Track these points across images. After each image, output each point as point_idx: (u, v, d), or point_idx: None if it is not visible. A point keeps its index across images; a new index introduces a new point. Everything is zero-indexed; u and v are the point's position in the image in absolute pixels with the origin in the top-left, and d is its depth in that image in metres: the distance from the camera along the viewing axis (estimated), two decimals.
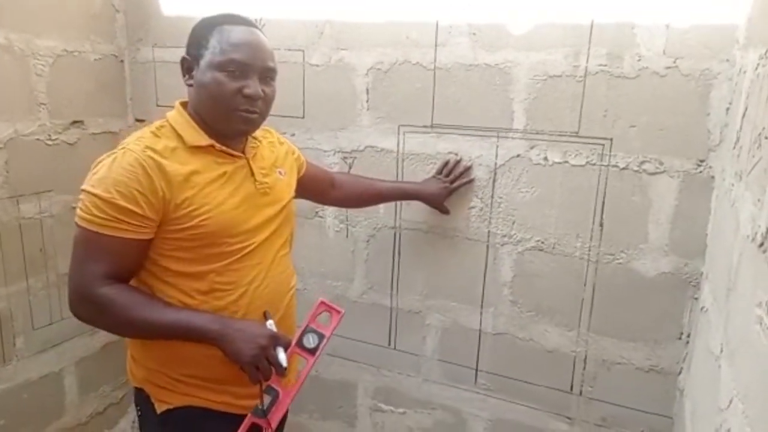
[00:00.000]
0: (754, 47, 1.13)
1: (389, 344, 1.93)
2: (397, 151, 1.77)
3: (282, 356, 1.11)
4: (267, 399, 1.13)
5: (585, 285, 1.61)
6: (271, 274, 1.25)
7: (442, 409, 1.90)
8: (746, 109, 1.11)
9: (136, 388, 1.27)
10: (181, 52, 1.22)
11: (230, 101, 1.13)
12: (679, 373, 1.54)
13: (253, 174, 1.23)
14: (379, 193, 1.69)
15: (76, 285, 1.10)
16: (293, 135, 1.87)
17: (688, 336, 1.51)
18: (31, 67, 1.83)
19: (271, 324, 1.18)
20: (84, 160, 2.02)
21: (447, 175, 1.68)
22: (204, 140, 1.16)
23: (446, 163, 1.68)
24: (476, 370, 1.82)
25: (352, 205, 1.77)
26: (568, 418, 1.71)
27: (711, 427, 0.97)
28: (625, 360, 1.60)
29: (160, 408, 1.21)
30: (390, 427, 2.00)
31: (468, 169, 1.67)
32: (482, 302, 1.75)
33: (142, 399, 1.25)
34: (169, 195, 1.09)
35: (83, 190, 1.08)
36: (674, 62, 1.40)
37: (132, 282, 1.16)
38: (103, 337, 2.23)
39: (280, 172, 1.32)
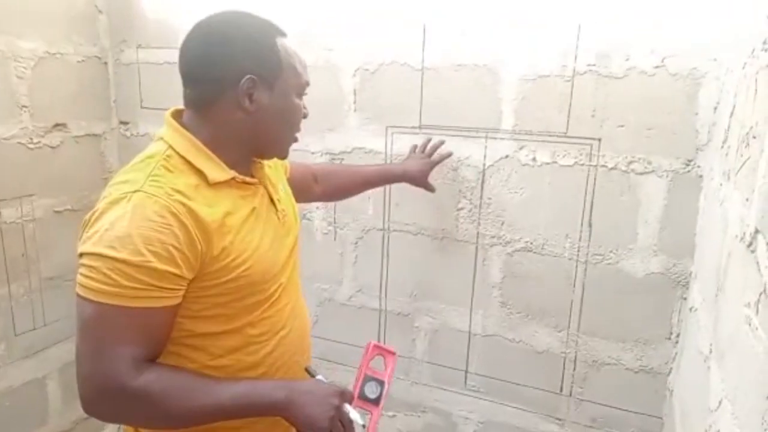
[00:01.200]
0: (740, 46, 1.13)
1: None
2: (386, 152, 1.75)
3: (354, 414, 0.98)
4: None
5: (574, 286, 1.61)
6: (297, 315, 1.12)
7: (432, 411, 1.88)
8: (734, 108, 1.11)
9: None
10: (166, 53, 1.15)
11: (298, 125, 1.05)
12: (669, 373, 1.54)
13: (272, 201, 1.07)
14: (363, 180, 1.59)
15: (99, 379, 0.85)
16: None
17: (678, 336, 1.51)
18: (12, 70, 1.80)
19: (321, 379, 1.04)
20: (67, 164, 2.03)
21: (423, 151, 1.63)
22: (226, 174, 0.96)
23: (416, 145, 1.65)
24: (466, 372, 1.80)
25: (337, 197, 1.66)
26: (558, 419, 1.70)
27: (701, 429, 0.96)
28: (614, 360, 1.60)
29: None
30: (380, 431, 1.98)
31: (442, 143, 1.63)
32: (472, 304, 1.74)
33: None
34: (206, 247, 0.89)
35: (95, 255, 0.84)
36: (662, 61, 1.40)
37: (163, 363, 0.95)
38: None
39: (282, 188, 1.17)
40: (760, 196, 0.76)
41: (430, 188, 1.65)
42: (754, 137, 0.87)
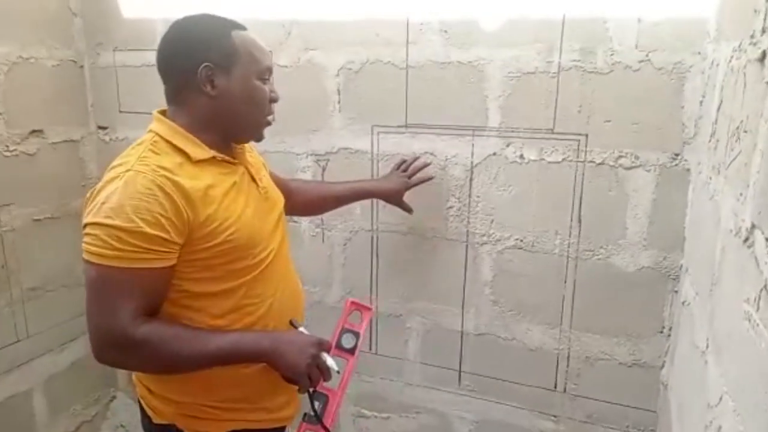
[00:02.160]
0: (726, 40, 1.13)
1: (370, 349, 1.89)
2: (372, 151, 1.74)
3: (331, 361, 1.11)
4: (318, 405, 1.14)
5: (565, 282, 1.60)
6: (288, 280, 1.24)
7: (427, 412, 1.87)
8: (721, 102, 1.11)
9: (158, 425, 1.17)
10: (143, 56, 1.18)
11: (266, 108, 1.15)
12: (662, 367, 1.54)
13: (254, 179, 1.20)
14: (336, 197, 1.61)
15: (106, 331, 1.00)
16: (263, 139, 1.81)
17: (670, 330, 1.51)
18: None
19: (303, 330, 1.17)
20: (45, 171, 1.98)
21: (405, 171, 1.63)
22: (207, 153, 1.10)
23: (404, 161, 1.65)
24: (459, 371, 1.79)
25: (311, 212, 1.69)
26: (554, 416, 1.70)
27: (701, 424, 0.96)
28: (607, 356, 1.60)
29: None
30: None
31: (426, 165, 1.63)
32: (463, 303, 1.73)
33: None
34: (192, 215, 1.02)
35: (94, 224, 0.98)
36: (647, 56, 1.40)
37: (163, 318, 1.08)
38: (72, 353, 2.16)
39: (265, 175, 1.30)
40: (755, 192, 0.75)
41: (405, 208, 1.64)
42: (745, 131, 0.87)
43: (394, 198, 1.62)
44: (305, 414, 1.15)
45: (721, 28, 1.23)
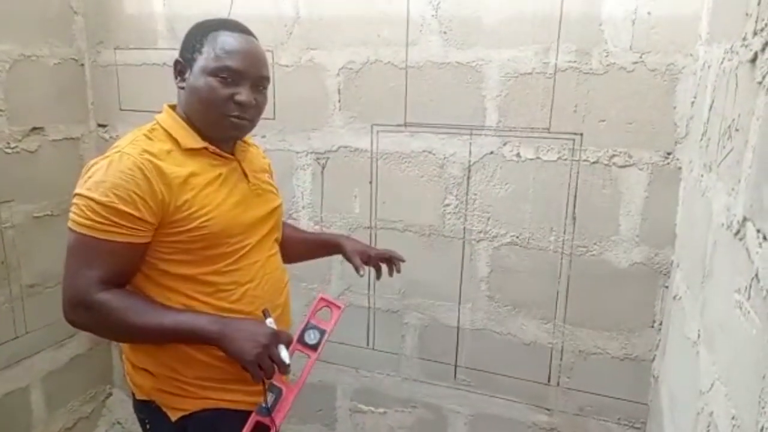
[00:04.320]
0: (718, 42, 1.17)
1: (368, 344, 1.92)
2: (371, 150, 1.77)
3: (284, 354, 1.09)
4: (271, 397, 1.14)
5: (560, 278, 1.64)
6: (267, 272, 1.26)
7: (423, 406, 1.91)
8: (713, 101, 1.15)
9: (140, 401, 1.23)
10: (144, 54, 1.20)
11: (222, 107, 1.14)
12: (653, 360, 1.58)
13: (245, 175, 1.24)
14: (302, 243, 1.53)
15: (72, 291, 1.07)
16: (264, 137, 1.84)
17: (660, 324, 1.56)
18: None
19: (271, 322, 1.16)
20: (45, 168, 1.99)
21: (377, 257, 1.50)
22: (198, 143, 1.16)
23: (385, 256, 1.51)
24: (455, 366, 1.83)
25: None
26: (547, 409, 1.74)
27: (692, 411, 1.00)
28: (600, 350, 1.64)
29: (174, 416, 1.19)
30: (371, 428, 2.00)
31: (397, 263, 1.50)
32: (460, 298, 1.77)
33: (150, 411, 1.21)
34: (168, 197, 1.08)
35: (77, 194, 1.06)
36: (641, 57, 1.44)
37: (129, 289, 1.14)
38: (70, 350, 2.17)
39: (267, 177, 1.34)
40: (747, 186, 0.79)
41: (356, 267, 1.46)
42: (737, 129, 0.91)
43: (351, 257, 1.47)
44: (258, 404, 1.14)
45: (712, 31, 1.27)
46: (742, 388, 0.74)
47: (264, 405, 1.13)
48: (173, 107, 1.21)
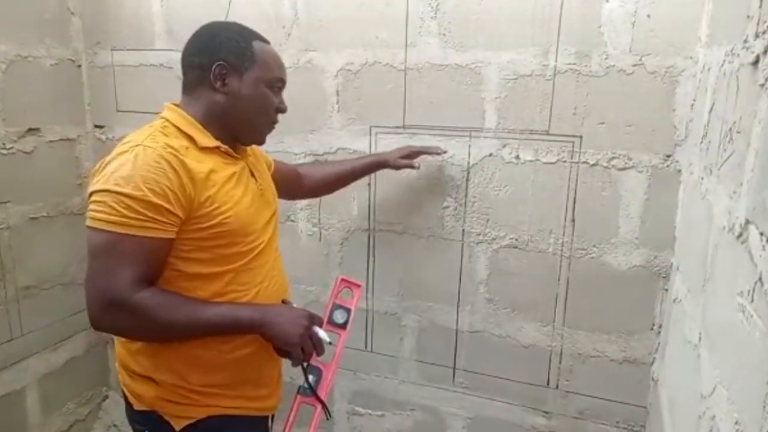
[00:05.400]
0: (718, 45, 1.17)
1: (366, 347, 1.91)
2: (370, 152, 1.76)
3: (322, 333, 1.15)
4: (311, 378, 1.19)
5: (559, 280, 1.64)
6: (275, 274, 1.27)
7: (421, 409, 1.90)
8: (713, 104, 1.15)
9: (139, 412, 1.19)
10: (141, 55, 1.20)
11: (272, 115, 1.22)
12: (652, 363, 1.58)
13: (253, 175, 1.25)
14: (347, 173, 1.63)
15: (105, 293, 1.03)
16: None
17: (660, 326, 1.55)
18: None
19: (295, 306, 1.22)
20: (41, 169, 1.98)
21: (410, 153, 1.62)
22: (212, 142, 1.16)
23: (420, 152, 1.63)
24: (454, 368, 1.82)
25: (323, 192, 1.70)
26: (546, 412, 1.73)
27: (693, 414, 0.99)
28: (599, 353, 1.63)
29: (179, 425, 1.17)
30: (369, 431, 1.99)
31: (442, 151, 1.63)
32: (458, 301, 1.76)
33: (151, 421, 1.18)
34: (194, 192, 1.07)
35: (103, 191, 1.02)
36: (640, 60, 1.44)
37: (161, 286, 1.12)
38: (66, 352, 2.16)
39: (265, 176, 1.35)
40: (750, 189, 0.79)
41: (409, 165, 1.61)
42: (739, 132, 0.91)
43: (402, 163, 1.61)
44: (299, 387, 1.19)
45: (712, 34, 1.27)
46: (745, 392, 0.74)
47: (306, 386, 1.18)
48: (177, 106, 1.20)
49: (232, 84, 1.15)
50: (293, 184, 1.58)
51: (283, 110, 1.23)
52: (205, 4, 1.83)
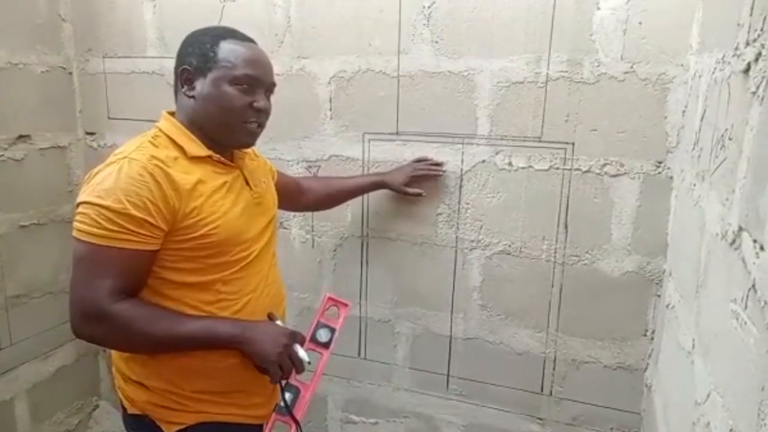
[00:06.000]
0: (709, 52, 1.18)
1: (359, 354, 1.91)
2: (363, 159, 1.76)
3: (302, 353, 1.13)
4: (289, 396, 1.16)
5: (552, 287, 1.64)
6: (269, 282, 1.26)
7: (415, 417, 1.89)
8: (705, 111, 1.16)
9: (132, 415, 1.20)
10: (133, 62, 1.19)
11: (242, 115, 1.16)
12: (646, 369, 1.58)
13: (248, 183, 1.24)
14: (348, 191, 1.67)
15: (84, 303, 1.04)
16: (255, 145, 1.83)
17: (653, 332, 1.56)
18: None
19: (279, 323, 1.19)
20: (32, 177, 1.97)
21: (417, 164, 1.68)
22: (203, 151, 1.15)
23: (425, 158, 1.69)
24: (448, 375, 1.82)
25: (322, 207, 1.73)
26: (540, 419, 1.73)
27: (687, 421, 0.99)
28: (593, 359, 1.63)
29: (169, 430, 1.17)
30: None
31: (439, 165, 1.67)
32: (452, 308, 1.76)
33: (143, 425, 1.19)
34: (178, 204, 1.07)
35: (86, 203, 1.03)
36: (632, 67, 1.45)
37: (142, 298, 1.12)
38: (56, 361, 2.14)
39: (264, 182, 1.33)
40: (742, 196, 0.79)
41: (412, 194, 1.66)
42: (731, 139, 0.91)
43: (397, 186, 1.66)
44: (276, 404, 1.17)
45: (703, 41, 1.28)
46: (740, 399, 0.74)
47: (283, 404, 1.15)
48: (172, 114, 1.20)
49: (197, 87, 1.15)
50: (292, 197, 1.57)
51: (259, 108, 1.17)
52: (197, 11, 1.83)
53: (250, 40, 1.20)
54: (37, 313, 2.03)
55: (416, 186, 1.66)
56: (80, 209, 1.04)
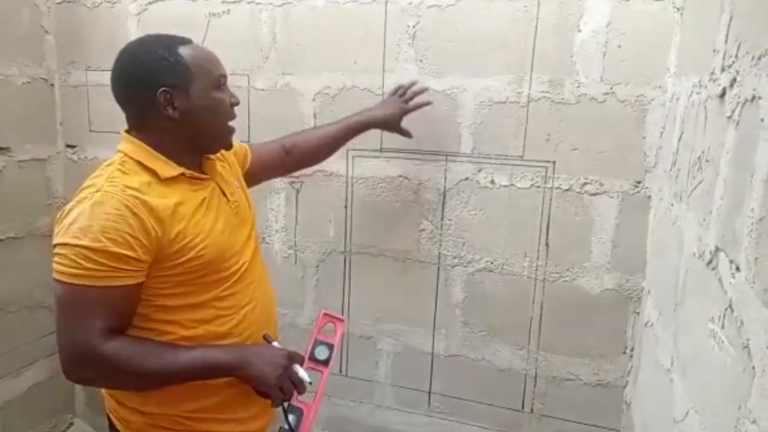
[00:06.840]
0: (686, 75, 1.21)
1: (340, 371, 1.89)
2: (347, 175, 1.77)
3: (302, 373, 1.11)
4: (292, 418, 1.13)
5: (533, 303, 1.65)
6: (263, 292, 1.25)
7: None
8: (682, 133, 1.19)
9: None
10: None
11: (229, 114, 1.16)
12: (625, 386, 1.60)
13: (225, 194, 1.20)
14: (334, 138, 1.56)
15: (74, 347, 1.01)
16: None
17: (632, 350, 1.57)
18: None
19: (276, 345, 1.17)
20: (10, 189, 1.94)
21: (402, 95, 1.59)
22: (175, 170, 1.10)
23: (401, 86, 1.61)
24: (429, 393, 1.81)
25: (313, 162, 1.63)
26: None
27: None
28: (573, 376, 1.65)
29: None
30: None
31: (424, 90, 1.60)
32: (434, 324, 1.76)
33: None
34: (161, 232, 1.03)
35: (62, 244, 0.99)
36: (611, 89, 1.48)
37: (132, 334, 1.08)
38: (29, 378, 2.09)
39: (236, 185, 1.28)
40: (719, 217, 0.81)
41: (404, 133, 1.60)
42: (707, 161, 0.93)
43: (392, 124, 1.58)
44: (280, 427, 1.14)
45: (681, 65, 1.31)
46: (717, 417, 0.75)
47: (286, 427, 1.12)
48: (128, 132, 1.13)
49: (181, 104, 1.08)
50: (279, 162, 1.52)
51: (236, 103, 1.17)
52: (182, 25, 1.82)
53: (191, 40, 1.16)
54: (11, 328, 1.99)
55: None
56: (57, 250, 1.00)
